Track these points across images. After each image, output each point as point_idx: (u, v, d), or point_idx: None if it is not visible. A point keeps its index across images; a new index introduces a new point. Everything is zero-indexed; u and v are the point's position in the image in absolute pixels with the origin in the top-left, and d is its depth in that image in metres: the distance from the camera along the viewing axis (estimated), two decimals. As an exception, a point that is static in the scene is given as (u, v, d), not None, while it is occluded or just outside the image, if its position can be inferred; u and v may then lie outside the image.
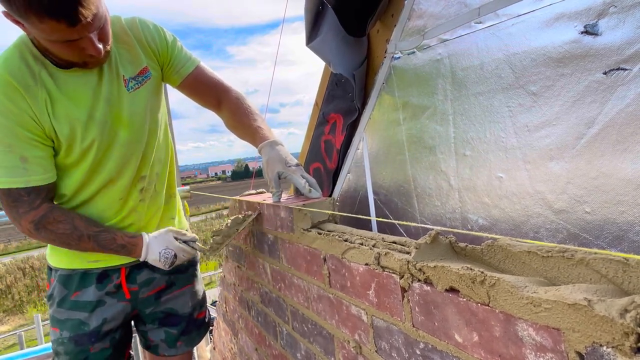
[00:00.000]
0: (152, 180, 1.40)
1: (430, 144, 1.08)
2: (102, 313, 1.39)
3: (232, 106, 1.42)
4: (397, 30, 1.15)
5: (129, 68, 1.28)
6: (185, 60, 1.39)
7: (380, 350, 0.87)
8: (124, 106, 1.27)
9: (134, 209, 1.37)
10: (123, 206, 1.35)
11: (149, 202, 1.41)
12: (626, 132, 0.68)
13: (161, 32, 1.35)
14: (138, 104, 1.30)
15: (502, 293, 0.56)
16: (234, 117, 1.41)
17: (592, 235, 0.74)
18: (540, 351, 0.52)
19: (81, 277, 1.39)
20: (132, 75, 1.29)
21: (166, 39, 1.35)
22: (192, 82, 1.41)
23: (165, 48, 1.35)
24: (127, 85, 1.28)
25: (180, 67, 1.38)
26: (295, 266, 1.23)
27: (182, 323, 1.56)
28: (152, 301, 1.50)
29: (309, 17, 1.41)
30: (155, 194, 1.42)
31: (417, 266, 0.71)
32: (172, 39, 1.37)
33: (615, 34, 0.68)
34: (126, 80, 1.28)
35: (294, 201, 1.27)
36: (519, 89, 0.84)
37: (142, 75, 1.31)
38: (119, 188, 1.33)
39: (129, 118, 1.28)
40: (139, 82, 1.30)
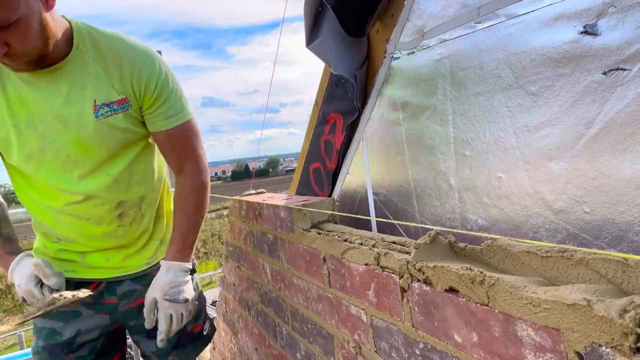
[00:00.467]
0: (134, 205, 1.30)
1: (430, 144, 1.08)
2: (77, 324, 1.32)
3: (184, 190, 1.29)
4: (397, 31, 1.15)
5: (104, 93, 1.14)
6: (169, 114, 1.22)
7: (380, 350, 0.87)
8: (86, 130, 1.14)
9: (111, 233, 1.29)
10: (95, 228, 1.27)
11: (130, 226, 1.32)
12: (625, 132, 0.68)
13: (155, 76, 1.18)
14: (105, 132, 1.16)
15: (502, 293, 0.56)
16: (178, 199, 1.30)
17: (591, 236, 0.74)
18: (540, 351, 0.52)
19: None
20: (106, 102, 1.15)
21: (156, 86, 1.19)
22: (163, 139, 1.26)
23: (150, 95, 1.19)
24: (96, 111, 1.14)
25: (158, 120, 1.23)
26: (295, 266, 1.23)
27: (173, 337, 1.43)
28: (134, 314, 1.41)
29: (308, 18, 1.41)
30: (140, 217, 1.33)
31: (417, 266, 0.71)
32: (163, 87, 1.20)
33: (614, 34, 0.68)
34: (97, 106, 1.14)
35: (294, 201, 1.27)
36: (518, 89, 0.84)
37: (119, 105, 1.17)
38: (85, 209, 1.23)
39: (89, 143, 1.16)
40: (113, 110, 1.16)
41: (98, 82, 1.14)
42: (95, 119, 1.14)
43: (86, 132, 1.14)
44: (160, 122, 1.23)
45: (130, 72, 1.16)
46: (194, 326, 1.49)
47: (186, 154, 1.29)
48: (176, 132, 1.25)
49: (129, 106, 1.18)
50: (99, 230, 1.27)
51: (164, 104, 1.21)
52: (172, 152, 1.29)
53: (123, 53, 1.16)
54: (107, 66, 1.14)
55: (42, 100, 1.11)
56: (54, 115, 1.11)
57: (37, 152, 1.14)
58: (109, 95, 1.15)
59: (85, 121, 1.13)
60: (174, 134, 1.25)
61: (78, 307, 1.30)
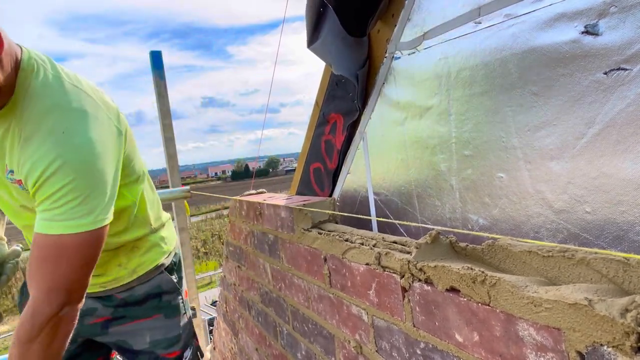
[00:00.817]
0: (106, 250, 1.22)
1: (431, 144, 1.08)
2: None
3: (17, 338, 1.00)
4: (398, 30, 1.15)
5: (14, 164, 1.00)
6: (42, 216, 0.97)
7: (381, 350, 0.87)
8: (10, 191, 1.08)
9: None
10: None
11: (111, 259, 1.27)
12: (627, 132, 0.68)
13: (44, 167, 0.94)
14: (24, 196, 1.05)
15: (503, 293, 0.56)
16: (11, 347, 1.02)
17: (592, 235, 0.74)
18: (541, 351, 0.52)
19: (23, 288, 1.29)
20: (12, 169, 1.02)
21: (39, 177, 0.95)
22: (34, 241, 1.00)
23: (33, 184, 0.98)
24: (7, 173, 1.04)
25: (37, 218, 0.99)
26: (295, 266, 1.23)
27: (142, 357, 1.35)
28: (98, 330, 1.33)
29: (309, 19, 1.41)
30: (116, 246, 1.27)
31: (418, 266, 0.71)
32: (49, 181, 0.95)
33: (615, 34, 0.68)
34: (7, 169, 1.02)
35: (295, 201, 1.27)
36: (519, 89, 0.84)
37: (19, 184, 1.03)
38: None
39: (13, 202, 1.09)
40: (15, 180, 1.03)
41: (11, 146, 1.00)
42: (7, 179, 1.04)
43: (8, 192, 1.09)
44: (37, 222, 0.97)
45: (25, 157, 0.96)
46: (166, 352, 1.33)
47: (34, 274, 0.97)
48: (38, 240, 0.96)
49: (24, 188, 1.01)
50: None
51: (45, 200, 0.96)
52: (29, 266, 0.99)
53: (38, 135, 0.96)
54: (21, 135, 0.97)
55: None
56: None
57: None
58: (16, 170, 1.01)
59: (4, 180, 1.06)
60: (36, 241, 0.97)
61: None
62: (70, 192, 0.94)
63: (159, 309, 1.39)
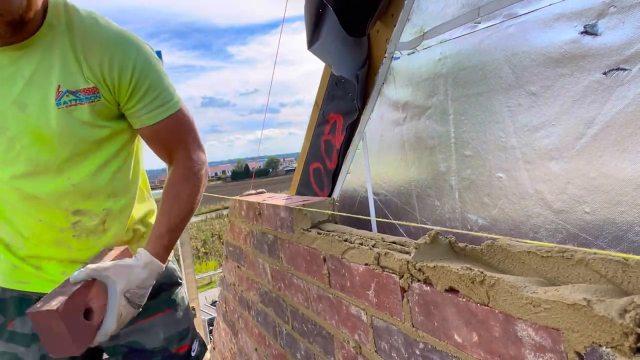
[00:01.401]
0: (95, 216, 1.13)
1: (430, 144, 1.08)
2: (40, 349, 1.13)
3: (173, 181, 1.14)
4: (397, 31, 1.15)
5: (70, 79, 1.00)
6: (154, 107, 1.08)
7: (380, 350, 0.87)
8: (45, 119, 1.00)
9: (64, 242, 1.13)
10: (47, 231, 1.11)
11: (87, 238, 1.14)
12: (626, 132, 0.68)
13: (130, 65, 1.03)
14: (67, 123, 1.01)
15: (502, 293, 0.56)
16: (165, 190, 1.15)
17: (591, 236, 0.74)
18: (540, 351, 0.52)
19: (18, 303, 1.15)
20: (71, 89, 1.00)
21: (132, 77, 1.04)
22: (150, 134, 1.13)
23: (126, 87, 1.04)
24: (58, 98, 0.99)
25: (142, 114, 1.08)
26: (295, 266, 1.23)
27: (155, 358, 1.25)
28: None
29: (309, 20, 1.41)
30: (100, 232, 1.15)
31: (417, 266, 0.71)
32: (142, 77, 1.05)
33: (615, 34, 0.68)
34: (60, 92, 0.99)
35: (294, 201, 1.27)
36: (518, 89, 0.84)
37: (87, 95, 1.02)
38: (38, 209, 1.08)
39: (45, 133, 1.01)
40: (78, 100, 1.01)
41: (66, 65, 1.00)
42: (56, 107, 0.99)
43: (45, 121, 1.00)
44: (144, 117, 1.08)
45: (101, 59, 1.01)
46: (178, 347, 1.29)
47: (176, 146, 1.14)
48: (164, 126, 1.10)
49: (98, 97, 1.02)
50: (50, 235, 1.11)
51: (145, 96, 1.06)
52: (161, 148, 1.15)
53: (96, 37, 1.01)
54: (78, 50, 1.00)
55: (2, 81, 0.98)
56: (12, 99, 0.98)
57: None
58: (76, 82, 1.00)
59: (46, 108, 0.99)
60: (161, 128, 1.10)
61: None
62: (160, 78, 1.09)
63: (170, 302, 1.31)
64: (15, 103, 0.99)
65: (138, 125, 1.12)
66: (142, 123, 1.10)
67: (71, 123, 1.02)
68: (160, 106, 1.09)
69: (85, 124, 1.04)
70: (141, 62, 1.05)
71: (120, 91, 1.05)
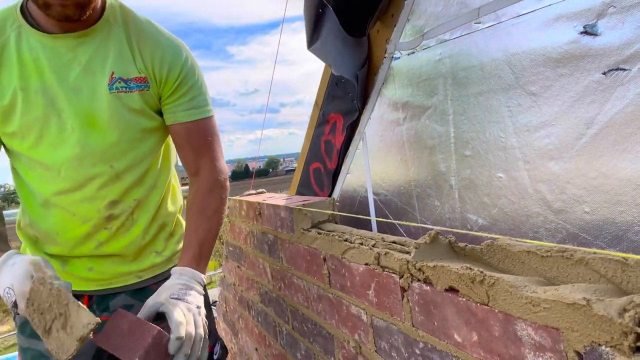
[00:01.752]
0: (127, 209, 1.15)
1: (430, 144, 1.08)
2: None
3: (199, 193, 1.17)
4: (397, 31, 1.16)
5: (123, 67, 1.08)
6: (191, 106, 1.15)
7: (380, 349, 0.87)
8: (97, 103, 1.06)
9: (95, 236, 1.13)
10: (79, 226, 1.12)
11: (117, 232, 1.15)
12: (625, 132, 0.68)
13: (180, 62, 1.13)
14: (116, 107, 1.07)
15: (502, 293, 0.56)
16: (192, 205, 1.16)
17: (591, 235, 0.75)
18: (539, 351, 0.52)
19: None
20: (124, 77, 1.08)
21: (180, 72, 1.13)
22: (181, 133, 1.16)
23: (173, 81, 1.12)
24: (111, 83, 1.06)
25: (179, 110, 1.14)
26: (295, 266, 1.23)
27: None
28: None
29: (308, 20, 1.41)
30: (129, 224, 1.17)
31: (417, 266, 0.71)
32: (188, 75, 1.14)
33: (614, 34, 0.68)
34: (113, 78, 1.06)
35: (294, 201, 1.27)
36: (518, 89, 0.84)
37: (137, 83, 1.09)
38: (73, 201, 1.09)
39: (96, 116, 1.06)
40: (129, 87, 1.08)
41: (120, 56, 1.08)
42: (109, 92, 1.06)
43: (97, 105, 1.06)
44: (180, 113, 1.15)
45: (153, 54, 1.10)
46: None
47: (204, 151, 1.18)
48: (196, 127, 1.16)
49: (147, 87, 1.10)
50: (82, 230, 1.12)
51: (187, 93, 1.15)
52: (189, 149, 1.18)
53: (150, 35, 1.12)
54: (132, 43, 1.09)
55: (60, 66, 1.04)
56: (68, 84, 1.04)
57: (42, 120, 1.05)
58: (128, 70, 1.08)
59: (99, 92, 1.06)
60: (193, 128, 1.16)
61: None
62: (202, 84, 1.18)
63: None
64: (71, 87, 1.05)
65: (172, 120, 1.16)
66: (176, 119, 1.15)
67: (121, 108, 1.08)
68: (197, 107, 1.16)
69: (135, 111, 1.10)
70: (188, 65, 1.14)
71: (165, 85, 1.13)
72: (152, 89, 1.12)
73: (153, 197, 1.21)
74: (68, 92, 1.05)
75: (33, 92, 1.03)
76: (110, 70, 1.07)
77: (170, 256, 1.29)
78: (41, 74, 1.03)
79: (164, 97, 1.14)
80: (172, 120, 1.16)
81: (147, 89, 1.11)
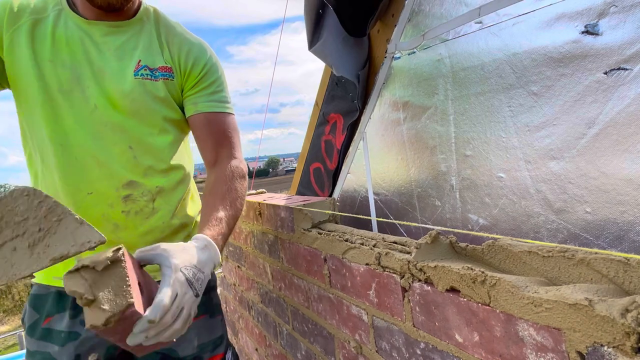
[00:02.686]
0: (147, 193, 1.13)
1: (431, 144, 1.08)
2: (75, 348, 1.09)
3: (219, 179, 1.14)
4: (398, 31, 1.15)
5: (150, 57, 1.13)
6: (213, 99, 1.18)
7: (381, 350, 0.87)
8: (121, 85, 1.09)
9: (111, 218, 1.10)
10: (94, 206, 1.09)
11: (135, 216, 1.12)
12: (627, 132, 0.68)
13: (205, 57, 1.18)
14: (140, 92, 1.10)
15: (503, 293, 0.56)
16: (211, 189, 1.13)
17: (592, 235, 0.74)
18: (541, 351, 0.52)
19: (56, 299, 1.12)
20: (150, 66, 1.13)
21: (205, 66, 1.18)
22: (201, 122, 1.18)
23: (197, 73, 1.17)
24: (137, 70, 1.11)
25: (201, 101, 1.18)
26: (295, 266, 1.23)
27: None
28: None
29: (309, 21, 1.41)
30: (149, 211, 1.14)
31: (418, 266, 0.71)
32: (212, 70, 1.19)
33: (615, 33, 0.68)
34: (139, 66, 1.12)
35: (294, 201, 1.27)
36: (519, 89, 0.84)
37: (162, 72, 1.14)
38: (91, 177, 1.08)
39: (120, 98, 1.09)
40: (153, 76, 1.13)
41: (149, 47, 1.14)
42: (134, 77, 1.11)
43: (121, 88, 1.09)
44: (202, 104, 1.17)
45: (180, 48, 1.17)
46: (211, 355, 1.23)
47: (224, 142, 1.19)
48: (216, 119, 1.19)
49: (172, 76, 1.16)
50: (98, 211, 1.09)
51: (209, 87, 1.19)
52: (209, 139, 1.19)
53: (178, 33, 1.19)
54: (161, 37, 1.17)
55: (91, 48, 1.10)
56: (96, 65, 1.10)
57: (66, 92, 1.07)
58: (155, 60, 1.14)
59: (124, 76, 1.10)
60: (214, 119, 1.19)
61: (76, 327, 1.09)
62: (224, 82, 1.22)
63: (205, 307, 1.24)
64: (98, 67, 1.10)
65: (193, 111, 1.19)
66: (198, 109, 1.18)
67: (145, 94, 1.12)
68: (218, 102, 1.20)
69: (158, 99, 1.14)
70: (212, 62, 1.20)
71: (189, 77, 1.17)
72: (176, 80, 1.17)
73: (177, 192, 1.20)
74: (95, 71, 1.09)
75: (61, 65, 1.07)
76: (138, 58, 1.12)
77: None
78: (72, 51, 1.08)
79: (186, 88, 1.19)
80: (194, 111, 1.18)
81: (172, 78, 1.16)
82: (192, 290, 0.85)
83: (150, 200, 1.14)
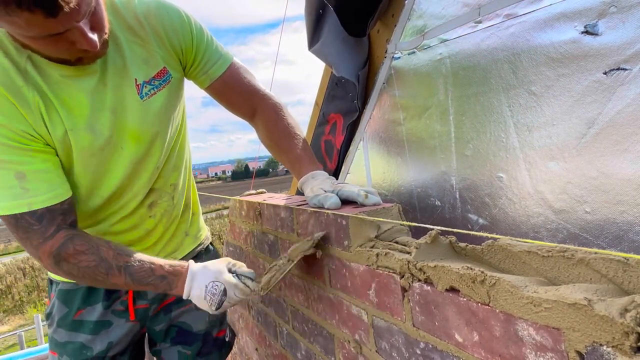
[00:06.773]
0: (164, 193, 1.19)
1: (431, 144, 1.08)
2: (108, 336, 1.18)
3: (270, 122, 1.19)
4: (398, 31, 1.16)
5: (143, 69, 1.06)
6: (216, 58, 1.15)
7: (381, 350, 0.87)
8: (135, 117, 1.06)
9: (137, 225, 1.17)
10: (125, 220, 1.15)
11: (161, 217, 1.20)
12: (626, 132, 0.68)
13: (186, 23, 1.10)
14: (152, 114, 1.08)
15: (503, 293, 0.56)
16: (270, 136, 1.19)
17: (592, 235, 0.74)
18: (541, 351, 0.52)
19: (86, 293, 1.19)
20: (146, 79, 1.07)
21: (192, 33, 1.11)
22: (221, 87, 1.18)
23: (190, 45, 1.12)
24: (140, 92, 1.06)
25: (208, 67, 1.15)
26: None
27: (197, 342, 1.31)
28: (161, 317, 1.28)
29: (309, 21, 1.41)
30: (170, 208, 1.21)
31: (418, 266, 0.71)
32: (198, 32, 1.13)
33: (615, 34, 0.68)
34: (139, 86, 1.06)
35: (294, 201, 1.27)
36: (519, 88, 0.84)
37: (159, 79, 1.09)
38: (123, 204, 1.13)
39: (139, 130, 1.07)
40: (154, 87, 1.08)
41: (134, 58, 1.05)
42: (141, 102, 1.06)
43: (134, 119, 1.06)
44: (211, 70, 1.15)
45: (157, 31, 1.08)
46: (219, 330, 1.36)
47: (250, 90, 1.20)
48: (230, 75, 1.17)
49: (169, 77, 1.11)
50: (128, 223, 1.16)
51: (206, 50, 1.15)
52: (238, 96, 1.20)
53: (146, 15, 1.06)
54: (138, 37, 1.06)
55: (93, 94, 1.02)
56: (107, 108, 1.03)
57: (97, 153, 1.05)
58: (147, 71, 1.07)
59: (132, 106, 1.05)
60: (229, 76, 1.17)
61: (108, 316, 1.18)
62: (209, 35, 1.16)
63: None
64: (110, 110, 1.04)
65: (207, 81, 1.16)
66: (211, 77, 1.15)
67: (154, 112, 1.09)
68: (220, 58, 1.16)
69: (163, 106, 1.11)
70: (192, 24, 1.12)
71: (186, 54, 1.12)
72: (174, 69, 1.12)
73: (182, 179, 1.25)
74: (109, 115, 1.04)
75: (82, 129, 1.01)
76: (133, 78, 1.05)
77: (196, 234, 1.36)
78: (81, 108, 1.01)
79: (188, 64, 1.15)
80: (208, 81, 1.16)
81: (170, 79, 1.11)
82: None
83: (170, 198, 1.21)
